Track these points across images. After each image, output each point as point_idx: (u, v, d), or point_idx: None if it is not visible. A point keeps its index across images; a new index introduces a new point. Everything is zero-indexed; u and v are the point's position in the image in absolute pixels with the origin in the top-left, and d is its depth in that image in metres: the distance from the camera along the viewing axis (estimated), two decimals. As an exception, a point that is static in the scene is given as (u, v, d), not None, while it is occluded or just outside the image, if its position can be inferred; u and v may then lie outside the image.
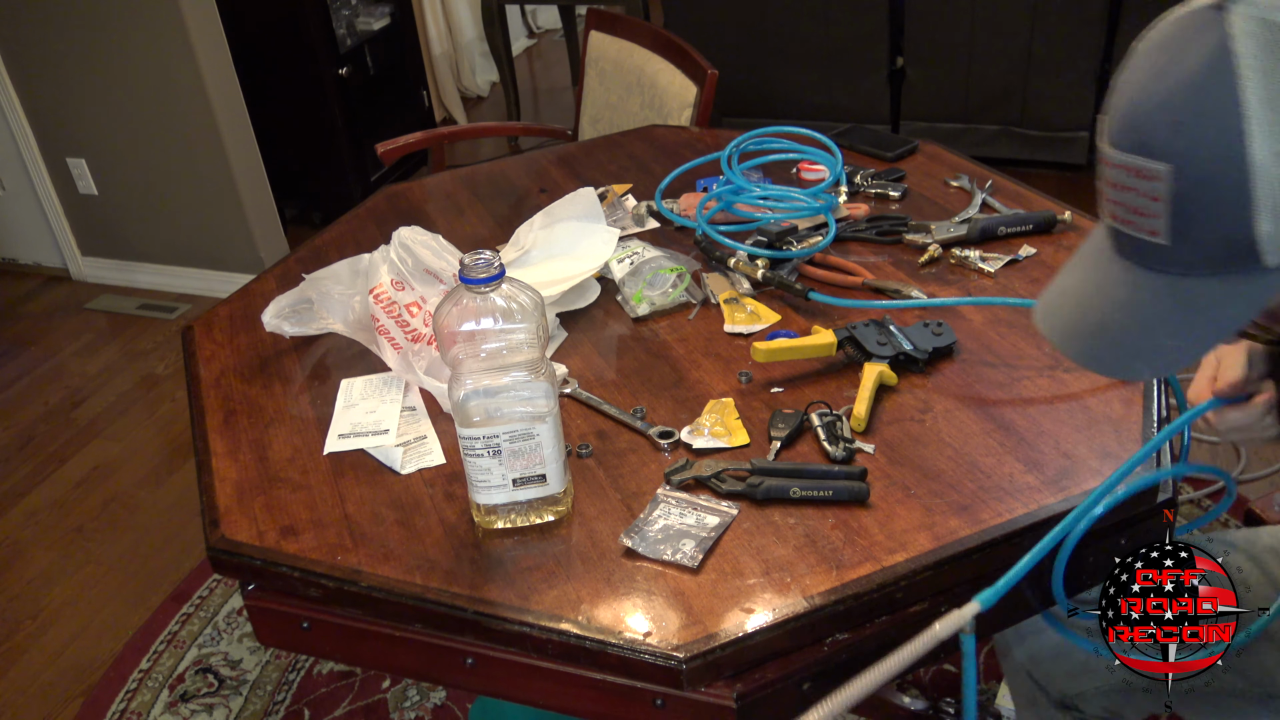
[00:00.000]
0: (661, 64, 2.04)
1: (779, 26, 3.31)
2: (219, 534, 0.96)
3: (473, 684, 0.91)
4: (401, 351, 1.13)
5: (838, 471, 0.94)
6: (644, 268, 1.25)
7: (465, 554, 0.91)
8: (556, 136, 2.41)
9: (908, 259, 1.29)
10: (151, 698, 1.85)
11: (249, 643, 1.94)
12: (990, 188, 1.42)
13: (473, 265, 0.83)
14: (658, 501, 0.93)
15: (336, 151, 3.35)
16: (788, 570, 0.85)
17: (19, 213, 3.27)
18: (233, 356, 1.23)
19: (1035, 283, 1.22)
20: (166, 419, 2.62)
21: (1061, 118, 3.17)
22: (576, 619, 0.83)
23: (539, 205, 1.38)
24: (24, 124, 3.03)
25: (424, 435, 1.06)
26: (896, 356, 1.07)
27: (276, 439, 1.08)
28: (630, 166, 1.64)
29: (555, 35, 5.05)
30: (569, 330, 1.22)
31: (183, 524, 2.25)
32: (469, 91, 4.50)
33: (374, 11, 3.48)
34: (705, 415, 1.04)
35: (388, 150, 2.18)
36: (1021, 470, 0.94)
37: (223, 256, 3.08)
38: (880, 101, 3.35)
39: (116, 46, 2.78)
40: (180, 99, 2.80)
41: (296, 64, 3.21)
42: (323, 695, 1.81)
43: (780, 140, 1.47)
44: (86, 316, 3.13)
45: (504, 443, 0.88)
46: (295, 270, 1.33)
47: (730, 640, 0.80)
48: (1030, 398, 1.03)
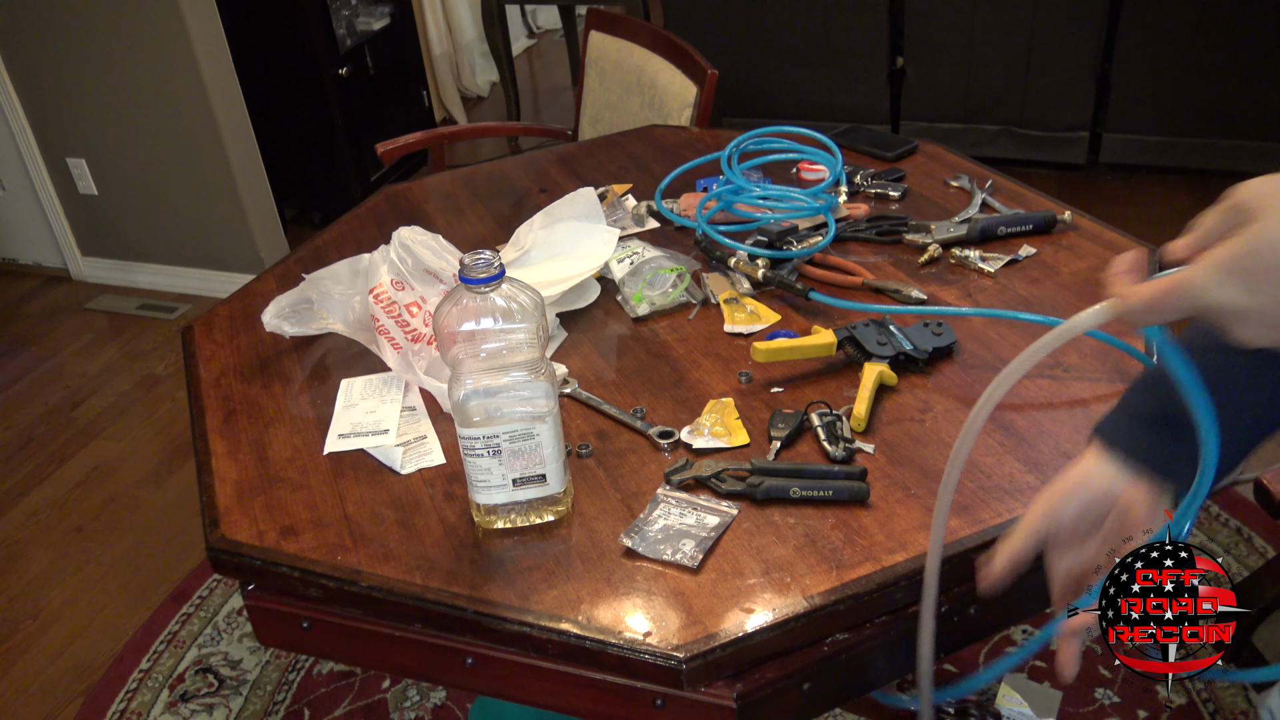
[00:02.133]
0: (661, 64, 2.04)
1: (779, 26, 3.31)
2: (219, 534, 0.96)
3: (473, 684, 0.91)
4: (401, 351, 1.13)
5: (838, 471, 0.94)
6: (644, 268, 1.25)
7: (465, 554, 0.91)
8: (556, 136, 2.41)
9: (908, 259, 1.29)
10: (151, 698, 1.85)
11: (249, 643, 1.94)
12: (990, 188, 1.43)
13: (473, 265, 0.83)
14: (658, 501, 0.93)
15: (336, 151, 3.35)
16: (788, 570, 0.85)
17: (19, 213, 3.27)
18: (233, 356, 1.23)
19: (1035, 282, 1.22)
20: (166, 419, 2.62)
21: (1061, 118, 3.17)
22: (576, 619, 0.83)
23: (539, 205, 1.38)
24: (24, 124, 3.03)
25: (424, 435, 1.06)
26: (896, 356, 1.07)
27: (276, 439, 1.08)
28: (630, 166, 1.64)
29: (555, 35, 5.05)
30: (569, 330, 1.22)
31: (183, 524, 2.25)
32: (469, 91, 4.50)
33: (374, 11, 3.48)
34: (705, 415, 1.04)
35: (388, 150, 2.18)
36: (1021, 470, 0.94)
37: (223, 256, 3.08)
38: (880, 101, 3.35)
39: (116, 46, 2.78)
40: (180, 99, 2.80)
41: (296, 64, 3.21)
42: (323, 695, 1.81)
43: (780, 140, 1.47)
44: (86, 316, 3.13)
45: (504, 443, 0.88)
46: (295, 270, 1.33)
47: (730, 640, 0.80)
48: (1030, 398, 1.03)
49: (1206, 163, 3.12)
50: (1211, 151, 3.09)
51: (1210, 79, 2.98)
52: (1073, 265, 1.24)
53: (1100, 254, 1.26)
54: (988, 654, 1.75)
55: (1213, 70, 2.96)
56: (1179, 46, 2.96)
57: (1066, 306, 1.16)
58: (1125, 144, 3.18)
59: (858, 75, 3.32)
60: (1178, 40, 2.95)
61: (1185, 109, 3.05)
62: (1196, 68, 2.97)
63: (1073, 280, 1.21)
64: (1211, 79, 2.98)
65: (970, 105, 3.25)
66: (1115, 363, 1.06)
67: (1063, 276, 1.22)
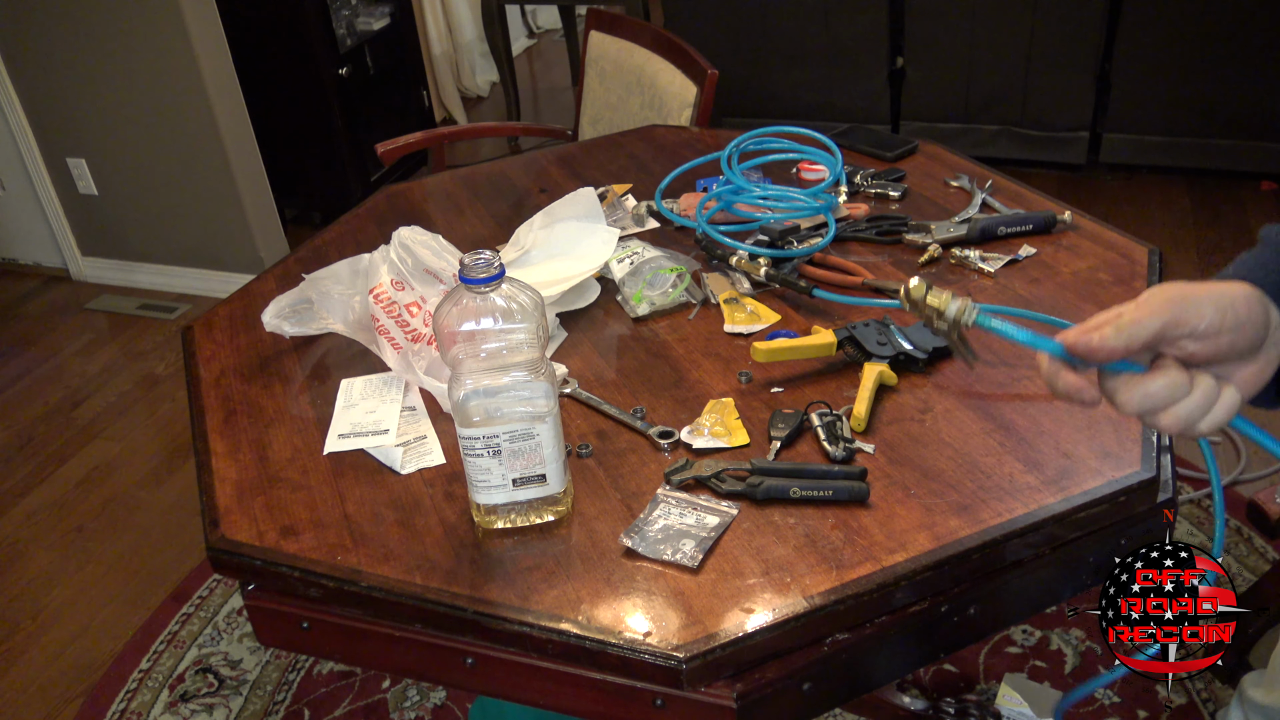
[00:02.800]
0: (661, 64, 2.04)
1: (779, 26, 3.31)
2: (219, 534, 0.96)
3: (473, 684, 0.91)
4: (401, 351, 1.13)
5: (838, 471, 0.94)
6: (644, 268, 1.25)
7: (465, 554, 0.91)
8: (556, 136, 2.41)
9: (908, 259, 1.29)
10: (151, 698, 1.85)
11: (249, 643, 1.94)
12: (990, 188, 1.43)
13: (473, 265, 0.83)
14: (658, 501, 0.93)
15: (336, 151, 3.35)
16: (788, 570, 0.85)
17: (19, 213, 3.27)
18: (233, 356, 1.23)
19: (1035, 282, 1.22)
20: (166, 419, 2.62)
21: (1061, 118, 3.17)
22: (576, 619, 0.83)
23: (539, 205, 1.38)
24: (24, 124, 3.03)
25: (424, 435, 1.06)
26: (896, 356, 1.07)
27: (276, 439, 1.08)
28: (630, 166, 1.64)
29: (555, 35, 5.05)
30: (569, 330, 1.22)
31: (183, 524, 2.25)
32: (469, 91, 4.50)
33: (374, 11, 3.48)
34: (705, 415, 1.04)
35: (388, 150, 2.18)
36: (1021, 470, 0.94)
37: (223, 256, 3.08)
38: (880, 101, 3.35)
39: (116, 46, 2.78)
40: (180, 99, 2.80)
41: (296, 64, 3.21)
42: (323, 695, 1.81)
43: (780, 140, 1.47)
44: (86, 316, 3.13)
45: (504, 443, 0.88)
46: (295, 270, 1.33)
47: (730, 640, 0.80)
48: (1030, 398, 1.03)
49: (1206, 163, 3.12)
50: (1211, 151, 3.09)
51: (1210, 79, 2.98)
52: (1073, 265, 1.24)
53: (1100, 254, 1.26)
54: (988, 654, 1.75)
55: (1213, 70, 2.96)
56: (1179, 46, 2.96)
57: (1066, 306, 1.16)
58: (1125, 144, 3.18)
59: (858, 75, 3.32)
60: (1178, 40, 2.95)
61: (1185, 109, 3.05)
62: (1196, 68, 2.97)
63: (1073, 280, 1.21)
64: (1211, 79, 2.98)
65: (970, 105, 3.25)
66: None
67: (1063, 276, 1.22)
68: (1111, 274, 1.22)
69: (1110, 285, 1.19)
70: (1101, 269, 1.23)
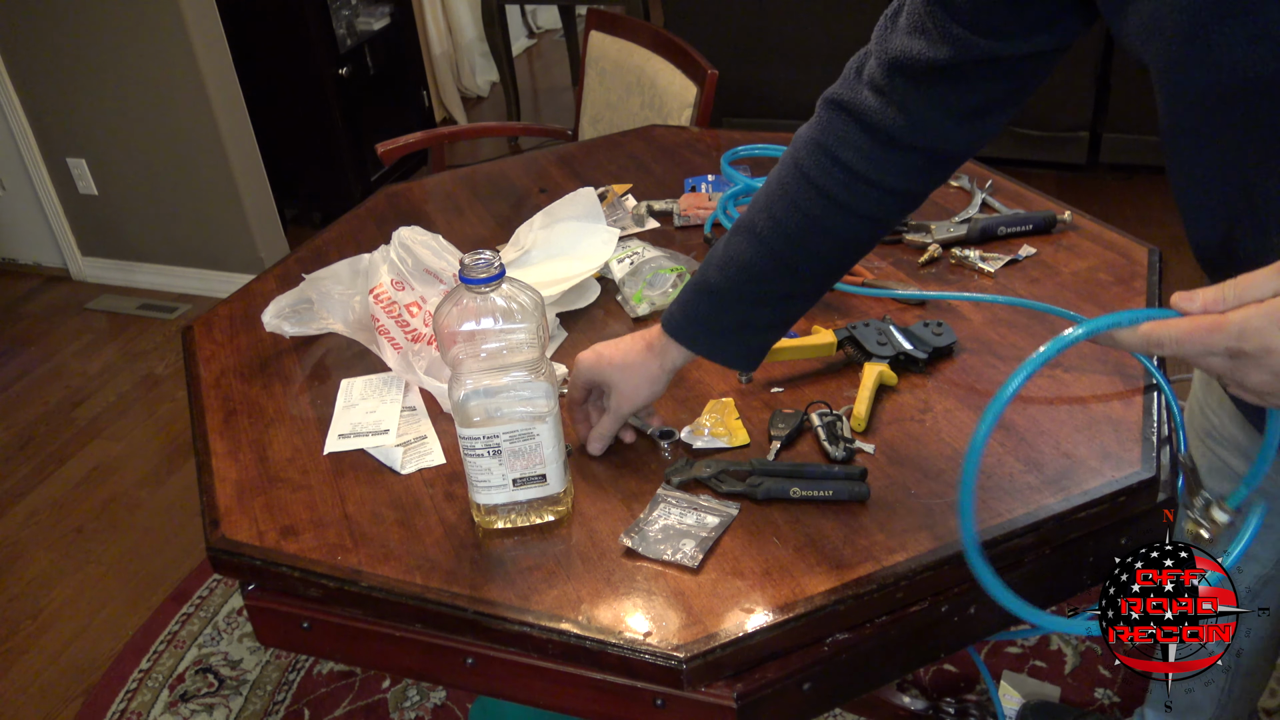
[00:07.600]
0: (661, 64, 2.04)
1: (779, 26, 3.31)
2: (219, 534, 0.96)
3: (473, 684, 0.91)
4: (401, 351, 1.13)
5: (838, 471, 0.94)
6: (644, 268, 1.25)
7: (465, 554, 0.91)
8: (556, 136, 2.41)
9: (908, 259, 1.29)
10: (151, 698, 1.85)
11: (249, 643, 1.94)
12: (990, 188, 1.43)
13: (473, 265, 0.83)
14: (658, 501, 0.93)
15: (336, 151, 3.35)
16: (788, 570, 0.85)
17: (19, 213, 3.27)
18: (233, 356, 1.23)
19: (1035, 282, 1.22)
20: (166, 419, 2.62)
21: (1061, 118, 3.17)
22: (576, 619, 0.83)
23: (539, 205, 1.38)
24: (24, 124, 3.03)
25: (424, 435, 1.06)
26: (896, 356, 1.07)
27: (276, 439, 1.08)
28: (630, 166, 1.64)
29: (555, 35, 5.05)
30: (569, 330, 1.22)
31: (183, 524, 2.25)
32: (469, 91, 4.50)
33: (374, 11, 3.48)
34: (705, 415, 1.04)
35: (388, 150, 2.18)
36: (1021, 470, 0.94)
37: (223, 256, 3.08)
38: (880, 101, 3.34)
39: (116, 46, 2.78)
40: (180, 99, 2.80)
41: (296, 64, 3.21)
42: (323, 695, 1.81)
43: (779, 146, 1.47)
44: (86, 316, 3.13)
45: (504, 443, 0.88)
46: (295, 270, 1.33)
47: (730, 640, 0.80)
48: (1030, 398, 1.03)
49: (1206, 163, 3.12)
50: (1211, 151, 3.09)
51: (1210, 79, 2.98)
52: (1073, 265, 1.24)
53: (1100, 254, 1.26)
54: (988, 654, 1.75)
55: (1213, 70, 2.96)
56: (1179, 46, 2.96)
57: (1066, 306, 1.16)
58: (1125, 144, 3.18)
59: (858, 75, 3.32)
60: (1178, 40, 2.95)
61: (1185, 109, 3.05)
62: (1196, 68, 2.97)
63: (1073, 280, 1.21)
64: (1211, 79, 2.97)
65: (970, 105, 3.25)
66: (1115, 363, 1.06)
67: (1063, 276, 1.22)
68: (1111, 274, 1.22)
69: (1110, 285, 1.19)
70: (1101, 269, 1.23)
